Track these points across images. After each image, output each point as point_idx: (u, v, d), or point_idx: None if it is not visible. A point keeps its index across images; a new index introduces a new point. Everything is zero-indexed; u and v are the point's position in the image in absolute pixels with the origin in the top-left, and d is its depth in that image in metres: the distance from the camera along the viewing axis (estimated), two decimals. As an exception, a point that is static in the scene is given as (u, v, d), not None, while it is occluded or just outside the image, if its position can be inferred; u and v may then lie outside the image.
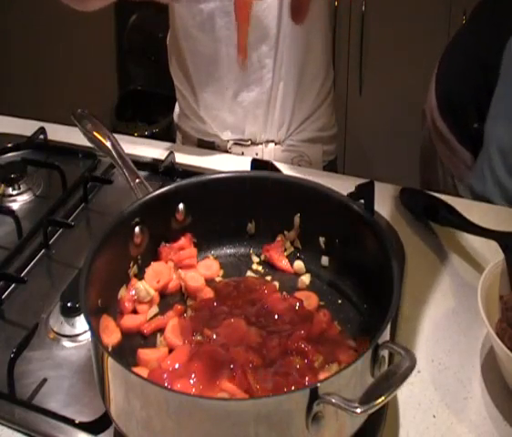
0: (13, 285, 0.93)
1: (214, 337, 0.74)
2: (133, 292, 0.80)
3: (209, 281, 0.84)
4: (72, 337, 0.85)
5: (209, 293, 0.82)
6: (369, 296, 0.78)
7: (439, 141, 1.17)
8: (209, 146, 1.28)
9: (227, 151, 1.26)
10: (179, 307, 0.80)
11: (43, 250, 0.99)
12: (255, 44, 1.15)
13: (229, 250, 0.89)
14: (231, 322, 0.76)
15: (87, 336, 0.84)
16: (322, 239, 0.85)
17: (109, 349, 0.73)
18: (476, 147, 1.09)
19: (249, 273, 0.86)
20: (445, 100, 1.16)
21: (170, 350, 0.75)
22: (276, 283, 0.84)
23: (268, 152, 1.25)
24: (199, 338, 0.75)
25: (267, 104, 1.20)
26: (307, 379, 0.67)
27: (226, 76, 1.19)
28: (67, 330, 0.85)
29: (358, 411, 0.57)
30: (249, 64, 1.17)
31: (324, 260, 0.85)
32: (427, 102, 1.20)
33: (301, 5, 0.68)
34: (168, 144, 1.27)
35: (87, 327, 0.81)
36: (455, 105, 1.14)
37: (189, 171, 1.10)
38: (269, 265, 0.87)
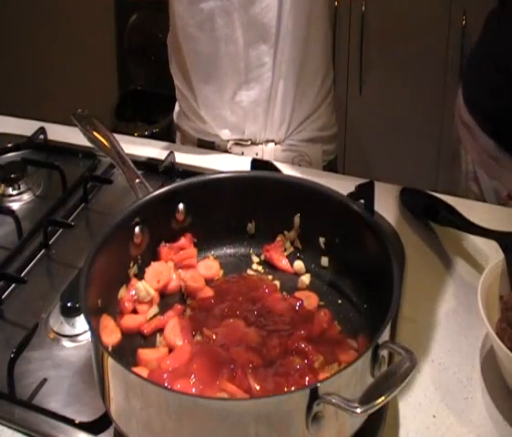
0: (13, 285, 0.93)
1: (214, 337, 0.74)
2: (133, 292, 0.80)
3: (209, 281, 0.84)
4: (72, 337, 0.85)
5: (209, 293, 0.82)
6: (369, 296, 0.78)
7: (464, 130, 1.25)
8: (209, 146, 1.28)
9: (227, 151, 1.26)
10: (179, 307, 0.80)
11: (43, 250, 0.99)
12: (254, 42, 1.15)
13: (229, 250, 0.89)
14: (231, 322, 0.76)
15: (87, 336, 0.84)
16: (321, 240, 0.85)
17: (109, 349, 0.73)
18: (497, 134, 1.16)
19: (249, 272, 0.86)
20: (470, 101, 1.23)
21: (170, 350, 0.75)
22: (277, 282, 0.84)
23: (268, 152, 1.25)
24: (198, 338, 0.75)
25: (267, 103, 1.20)
26: (307, 379, 0.67)
27: (225, 76, 1.19)
28: (67, 330, 0.85)
29: (358, 411, 0.57)
30: (248, 62, 1.17)
31: (324, 261, 0.85)
32: (456, 105, 1.29)
33: None
34: (168, 144, 1.27)
35: (87, 327, 0.81)
36: (480, 104, 1.22)
37: (189, 171, 1.10)
38: (269, 265, 0.87)
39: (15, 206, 1.10)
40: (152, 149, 1.21)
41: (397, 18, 2.19)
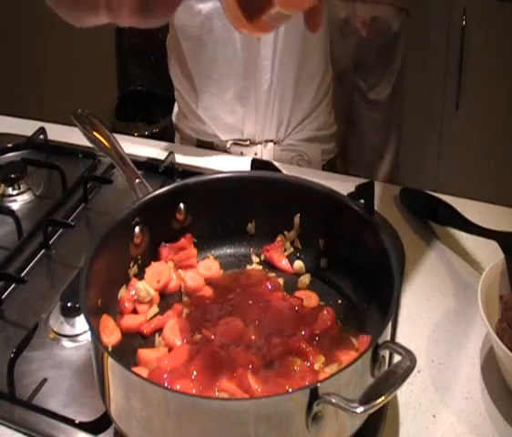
0: (13, 285, 0.93)
1: (212, 337, 0.74)
2: (133, 292, 0.80)
3: (209, 281, 0.84)
4: (72, 337, 0.85)
5: (208, 293, 0.82)
6: (369, 296, 0.78)
7: None
8: (208, 146, 1.28)
9: (226, 151, 1.26)
10: (179, 306, 0.80)
11: (43, 250, 0.99)
12: (252, 45, 1.15)
13: (229, 250, 0.89)
14: (229, 321, 0.76)
15: (87, 336, 0.84)
16: (321, 240, 0.85)
17: (109, 349, 0.73)
18: None
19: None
20: None
21: (170, 350, 0.75)
22: (281, 280, 0.84)
23: (267, 152, 1.25)
24: (197, 337, 0.75)
25: (266, 104, 1.20)
26: (307, 379, 0.67)
27: (224, 78, 1.19)
28: (67, 330, 0.85)
29: (358, 411, 0.57)
30: (247, 66, 1.17)
31: (324, 260, 0.85)
32: None
33: (314, 14, 0.67)
34: (168, 144, 1.27)
35: (87, 327, 0.81)
36: None
37: (188, 171, 1.10)
38: (269, 265, 0.87)
39: (15, 206, 1.10)
40: (152, 149, 1.21)
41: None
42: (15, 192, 1.12)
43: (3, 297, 0.91)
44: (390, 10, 1.84)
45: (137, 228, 0.81)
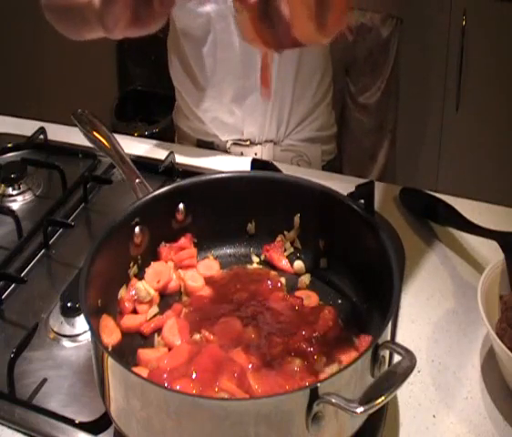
0: (13, 285, 0.93)
1: (212, 337, 0.74)
2: (133, 292, 0.80)
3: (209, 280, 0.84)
4: (72, 337, 0.85)
5: (208, 292, 0.82)
6: (369, 296, 0.78)
7: None
8: (209, 146, 1.28)
9: (226, 151, 1.26)
10: (179, 306, 0.80)
11: (43, 250, 0.99)
12: (251, 47, 1.15)
13: (229, 250, 0.89)
14: (228, 320, 0.76)
15: (87, 336, 0.84)
16: (321, 240, 0.85)
17: (109, 349, 0.73)
18: None
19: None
20: None
21: (170, 350, 0.75)
22: (283, 279, 0.84)
23: (267, 152, 1.25)
24: (197, 337, 0.75)
25: (265, 105, 1.20)
26: (307, 379, 0.67)
27: (224, 80, 1.19)
28: (67, 330, 0.85)
29: (358, 411, 0.57)
30: (246, 67, 1.17)
31: (324, 260, 0.85)
32: None
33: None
34: (168, 144, 1.27)
35: (87, 327, 0.81)
36: None
37: (189, 171, 1.10)
38: (269, 265, 0.87)
39: (15, 206, 1.10)
40: (152, 149, 1.21)
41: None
42: (15, 192, 1.12)
43: (3, 297, 0.91)
44: (378, 18, 1.84)
45: (137, 228, 0.81)
